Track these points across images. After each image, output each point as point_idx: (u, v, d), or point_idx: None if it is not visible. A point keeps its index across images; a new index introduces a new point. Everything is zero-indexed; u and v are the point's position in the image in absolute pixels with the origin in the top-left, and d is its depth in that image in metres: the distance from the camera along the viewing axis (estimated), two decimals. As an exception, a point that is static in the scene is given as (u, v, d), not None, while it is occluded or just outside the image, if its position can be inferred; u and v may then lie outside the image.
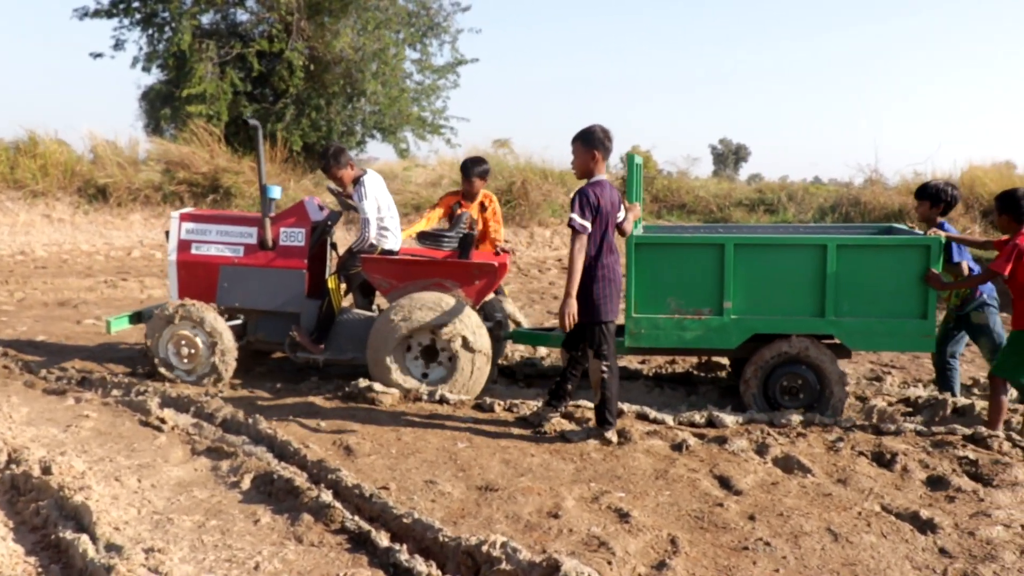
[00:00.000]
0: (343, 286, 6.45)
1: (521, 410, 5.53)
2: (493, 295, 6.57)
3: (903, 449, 4.80)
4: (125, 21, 18.43)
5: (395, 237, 6.39)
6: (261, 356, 7.07)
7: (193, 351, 6.19)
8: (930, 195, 5.83)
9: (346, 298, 6.71)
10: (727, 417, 5.31)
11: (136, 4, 18.16)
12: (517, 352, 7.52)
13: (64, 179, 16.53)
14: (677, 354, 6.87)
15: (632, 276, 5.55)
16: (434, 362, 5.97)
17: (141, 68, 18.63)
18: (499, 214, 7.17)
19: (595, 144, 4.92)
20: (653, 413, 5.43)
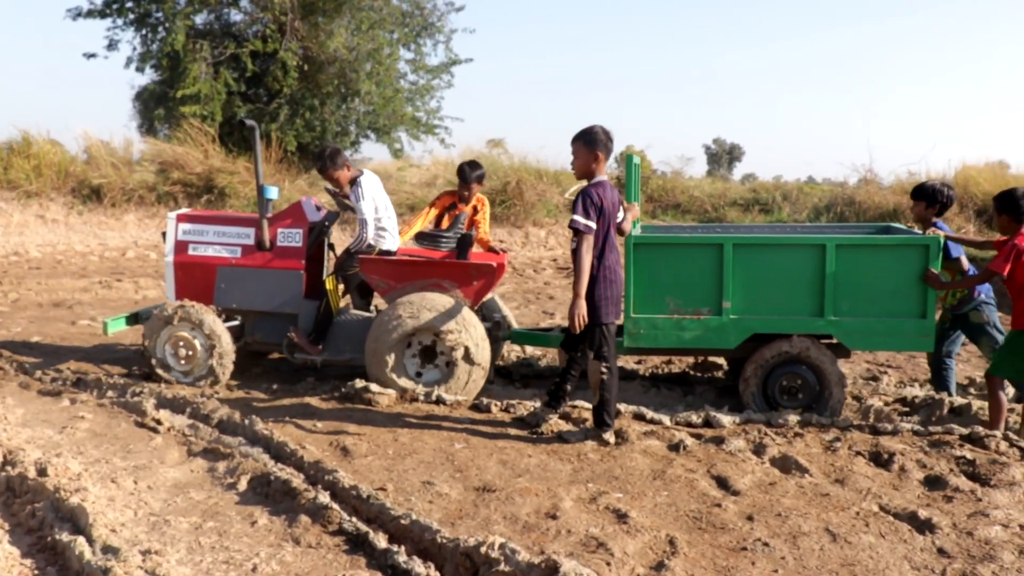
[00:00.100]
0: (341, 287, 6.44)
1: (518, 411, 5.52)
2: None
3: (900, 449, 4.80)
4: (119, 21, 18.38)
5: (393, 237, 6.38)
6: (257, 357, 7.06)
7: (191, 353, 6.18)
8: (926, 195, 5.84)
9: (344, 299, 6.70)
10: (724, 417, 5.31)
11: (129, 4, 18.09)
12: (514, 352, 7.51)
13: (58, 179, 16.48)
14: (676, 354, 6.87)
15: (631, 276, 5.54)
16: (431, 364, 5.95)
17: (135, 68, 18.62)
18: (488, 218, 7.18)
19: (597, 145, 4.91)
20: (650, 413, 5.42)
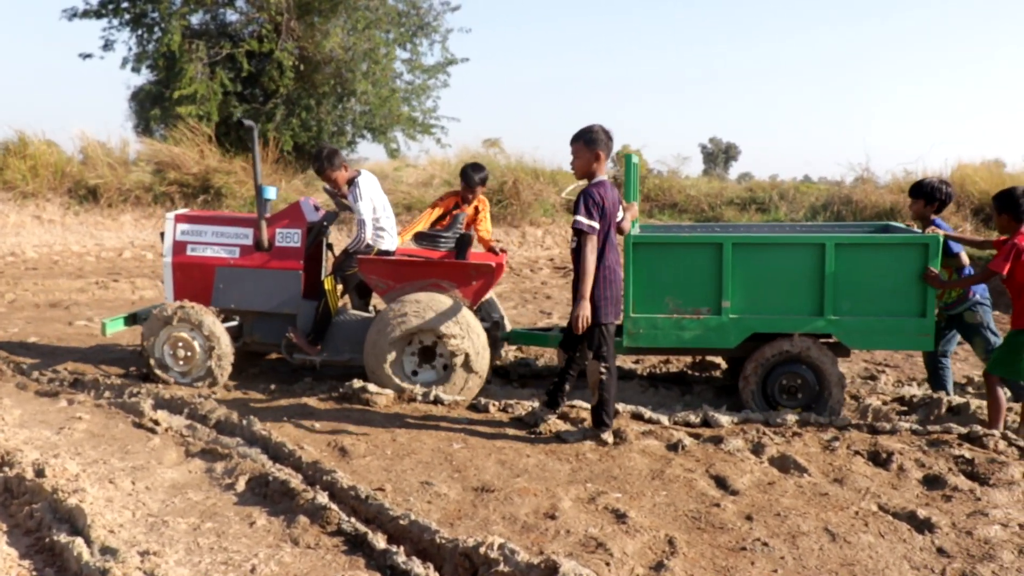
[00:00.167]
0: (340, 287, 6.42)
1: (516, 411, 5.52)
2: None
3: (899, 448, 4.80)
4: (114, 21, 18.31)
5: (391, 237, 6.37)
6: (255, 357, 7.05)
7: (190, 354, 6.16)
8: (925, 193, 5.84)
9: (342, 299, 6.69)
10: (722, 417, 5.30)
11: (125, 4, 18.03)
12: (511, 352, 7.51)
13: (54, 180, 16.43)
14: (675, 354, 6.86)
15: (630, 276, 5.53)
16: (429, 364, 5.94)
17: (131, 69, 18.55)
18: (488, 217, 7.18)
19: (598, 144, 4.89)
20: (648, 413, 5.42)
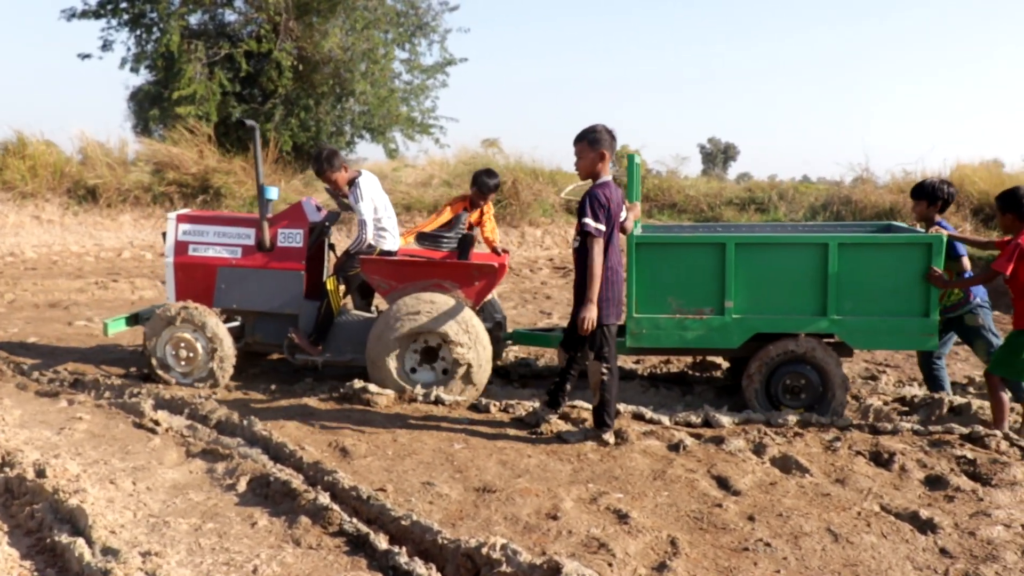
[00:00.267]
0: (342, 288, 6.41)
1: (517, 411, 5.51)
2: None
3: (901, 448, 4.80)
4: (113, 22, 18.29)
5: (393, 238, 6.36)
6: (256, 357, 7.04)
7: (192, 354, 6.16)
8: (927, 194, 5.83)
9: (344, 299, 6.68)
10: (723, 417, 5.30)
11: (124, 5, 18.01)
12: (512, 352, 7.50)
13: (53, 180, 16.41)
14: (678, 354, 6.86)
15: (633, 276, 5.53)
16: (429, 365, 5.93)
17: (129, 69, 18.53)
18: (492, 219, 7.18)
19: (602, 144, 4.87)
20: (649, 413, 5.41)
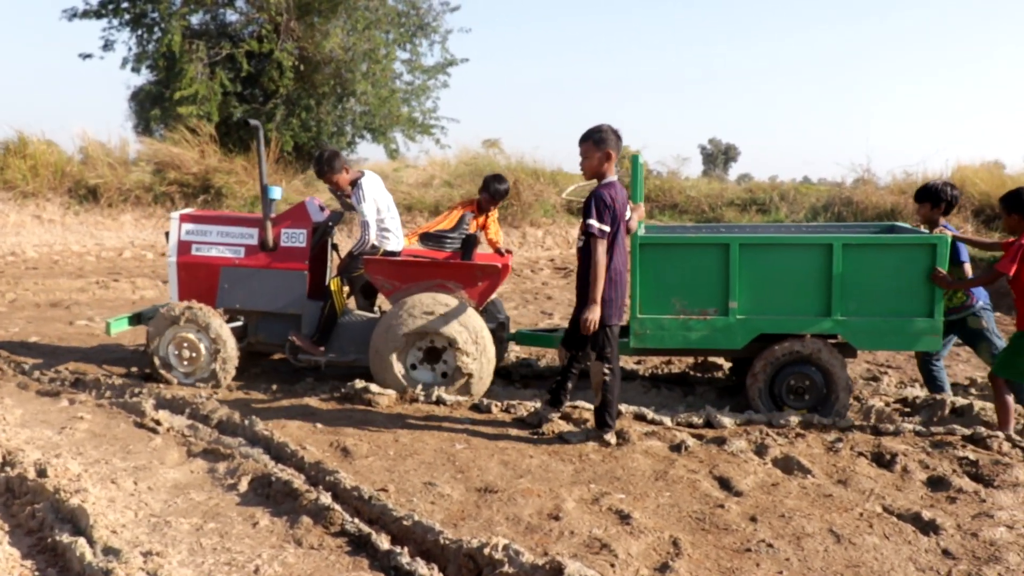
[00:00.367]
0: (346, 289, 6.40)
1: (518, 411, 5.51)
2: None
3: (903, 450, 4.79)
4: (114, 22, 18.30)
5: (397, 238, 6.35)
6: (257, 357, 7.03)
7: (195, 355, 6.15)
8: (931, 196, 5.83)
9: (348, 300, 6.67)
10: (725, 418, 5.29)
11: (125, 5, 18.01)
12: (513, 352, 7.49)
13: (54, 180, 16.42)
14: (681, 355, 6.85)
15: (636, 277, 5.52)
16: (427, 364, 5.93)
17: (130, 69, 18.53)
18: (496, 221, 7.17)
19: (608, 144, 4.85)
20: (651, 414, 5.41)
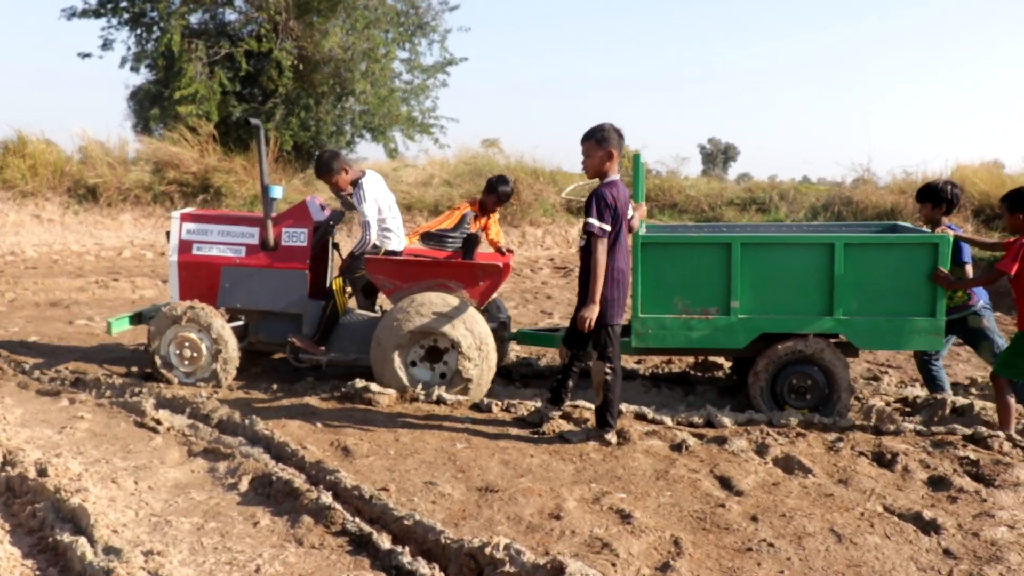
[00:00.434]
0: (348, 288, 6.40)
1: (519, 410, 5.51)
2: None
3: (903, 449, 4.79)
4: (113, 21, 18.31)
5: (398, 238, 6.35)
6: (258, 356, 7.02)
7: (196, 355, 6.14)
8: (932, 196, 5.82)
9: (349, 299, 6.66)
10: (726, 417, 5.29)
11: (124, 4, 18.01)
12: (513, 352, 7.49)
13: (54, 179, 16.41)
14: (683, 354, 6.85)
15: (638, 276, 5.52)
16: (427, 363, 5.92)
17: (129, 68, 18.54)
18: (497, 221, 7.18)
19: (610, 143, 4.84)
20: (651, 413, 5.41)
